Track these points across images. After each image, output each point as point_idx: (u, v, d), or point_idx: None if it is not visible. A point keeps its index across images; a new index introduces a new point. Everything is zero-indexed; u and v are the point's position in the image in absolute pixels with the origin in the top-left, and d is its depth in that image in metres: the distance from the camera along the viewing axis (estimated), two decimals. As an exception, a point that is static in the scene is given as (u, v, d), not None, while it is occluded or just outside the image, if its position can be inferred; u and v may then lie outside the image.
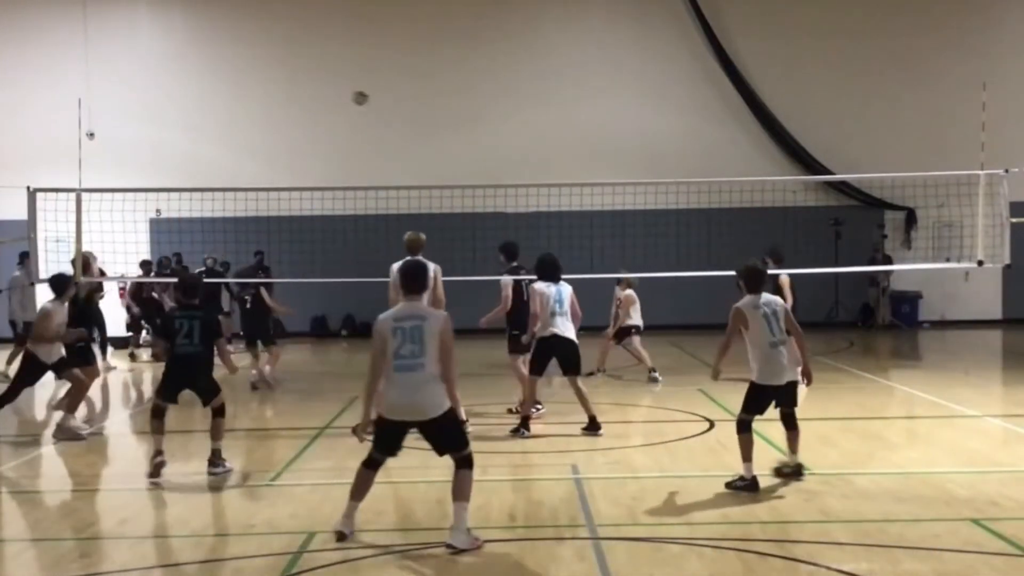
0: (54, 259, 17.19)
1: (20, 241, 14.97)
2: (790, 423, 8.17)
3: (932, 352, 19.52)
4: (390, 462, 9.13)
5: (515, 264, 12.00)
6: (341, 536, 6.61)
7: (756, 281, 8.08)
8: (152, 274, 19.66)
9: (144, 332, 19.80)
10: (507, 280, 11.82)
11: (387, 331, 6.59)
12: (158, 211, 20.63)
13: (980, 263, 13.82)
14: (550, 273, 10.73)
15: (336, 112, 23.46)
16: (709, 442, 10.01)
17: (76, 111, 16.39)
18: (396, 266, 10.04)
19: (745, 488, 7.71)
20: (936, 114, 22.74)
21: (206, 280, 19.53)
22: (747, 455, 7.84)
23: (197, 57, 23.80)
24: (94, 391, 15.60)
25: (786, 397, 8.04)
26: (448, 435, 6.66)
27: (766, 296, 8.05)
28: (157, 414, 8.87)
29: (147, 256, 21.25)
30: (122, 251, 18.26)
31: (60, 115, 19.66)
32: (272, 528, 7.10)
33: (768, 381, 7.90)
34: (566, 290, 10.61)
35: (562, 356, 10.59)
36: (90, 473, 9.63)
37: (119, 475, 9.57)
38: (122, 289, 22.07)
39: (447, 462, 9.17)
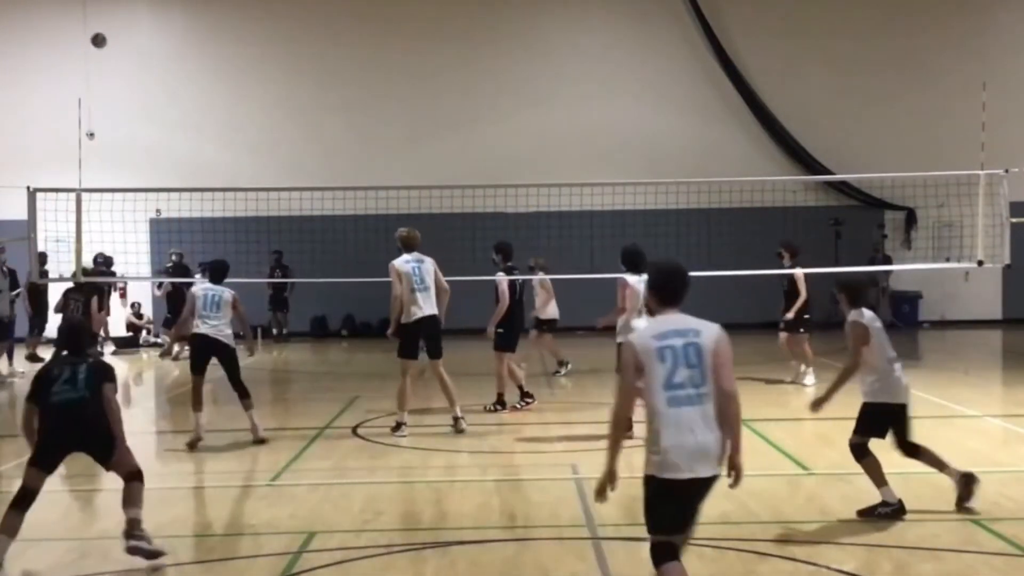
0: (54, 259, 17.25)
1: (20, 241, 14.96)
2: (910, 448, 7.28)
3: (932, 352, 19.52)
4: (393, 461, 9.14)
5: (510, 264, 12.10)
6: None
7: (861, 295, 7.36)
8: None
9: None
10: (504, 278, 11.89)
11: (651, 352, 4.81)
12: (158, 211, 20.62)
13: (980, 263, 13.82)
14: (641, 264, 10.35)
15: (336, 112, 23.46)
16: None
17: (76, 111, 16.39)
18: (426, 265, 10.48)
19: (891, 515, 6.95)
20: (936, 114, 22.73)
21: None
22: (880, 479, 7.07)
23: (197, 57, 23.80)
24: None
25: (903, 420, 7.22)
26: (700, 506, 4.89)
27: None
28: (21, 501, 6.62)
29: (147, 256, 21.27)
30: (122, 251, 18.30)
31: (60, 115, 19.66)
32: (272, 528, 7.10)
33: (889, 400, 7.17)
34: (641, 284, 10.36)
35: None
36: (91, 473, 9.61)
37: (118, 475, 9.55)
38: (121, 290, 22.11)
39: (446, 462, 9.14)
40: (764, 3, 23.65)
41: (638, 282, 10.05)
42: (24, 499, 6.53)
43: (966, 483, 7.17)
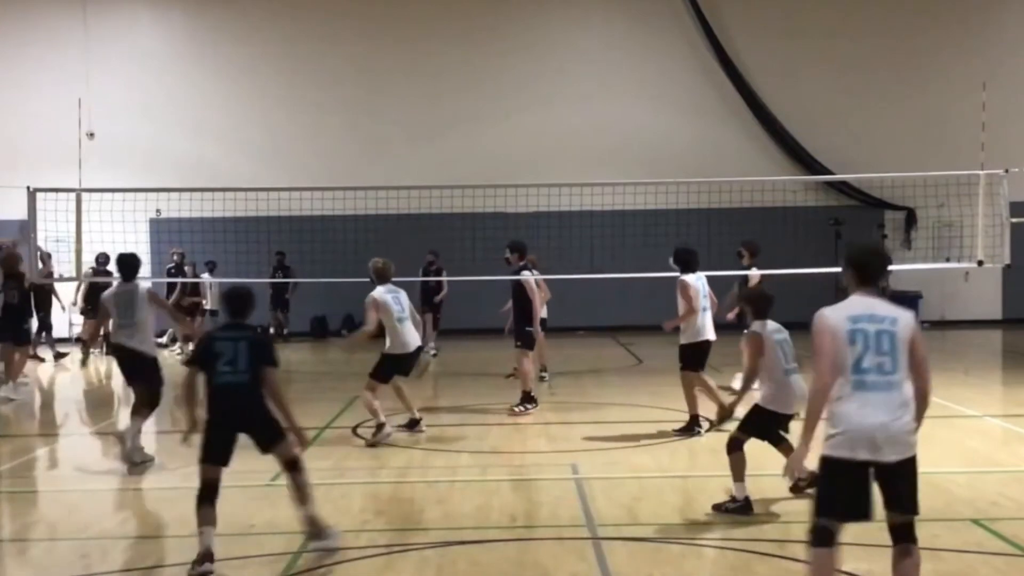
0: (55, 259, 17.25)
1: (20, 241, 14.97)
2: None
3: (932, 352, 19.28)
4: (393, 461, 9.14)
5: (523, 263, 12.08)
6: None
7: (765, 307, 7.67)
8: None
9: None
10: (530, 277, 11.90)
11: (843, 331, 4.82)
12: (158, 211, 20.62)
13: (980, 263, 13.81)
14: (694, 263, 10.53)
15: (336, 112, 23.46)
16: (709, 442, 10.00)
17: (76, 111, 16.39)
18: (402, 295, 10.57)
19: (737, 510, 7.24)
20: (936, 114, 22.73)
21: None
22: (740, 475, 7.36)
23: (197, 57, 23.79)
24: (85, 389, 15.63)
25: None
26: (909, 487, 4.83)
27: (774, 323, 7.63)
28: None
29: (147, 256, 21.27)
30: (122, 251, 18.26)
31: (60, 115, 19.67)
32: (272, 528, 7.10)
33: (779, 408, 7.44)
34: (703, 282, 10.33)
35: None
36: (90, 473, 9.62)
37: (119, 475, 9.56)
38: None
39: (446, 462, 9.14)
40: (764, 3, 23.64)
41: (696, 280, 10.35)
42: (208, 493, 6.40)
43: (813, 478, 7.38)
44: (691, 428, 10.27)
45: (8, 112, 23.16)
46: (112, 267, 19.85)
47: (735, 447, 7.42)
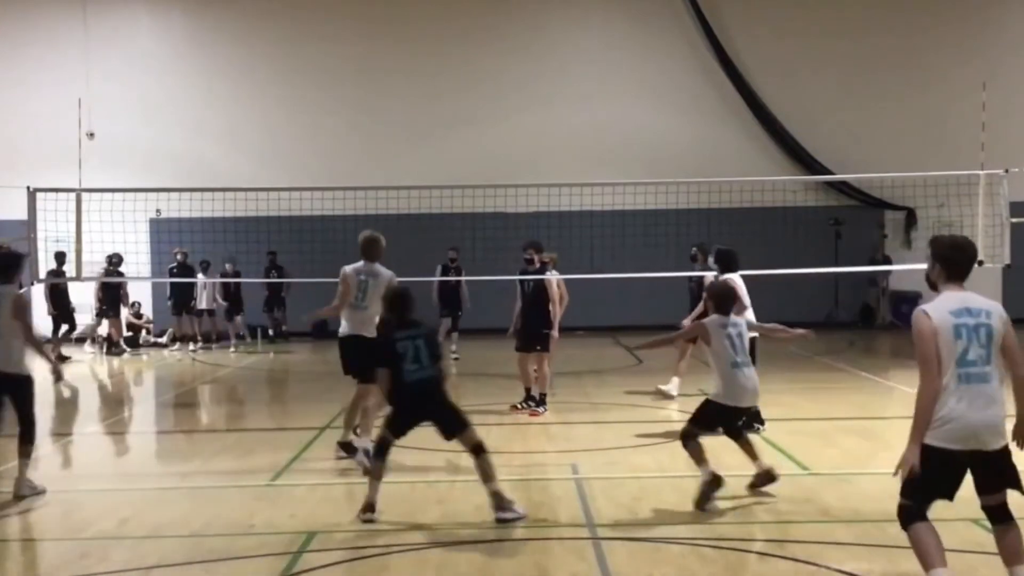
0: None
1: (20, 241, 14.95)
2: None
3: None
4: (392, 460, 9.14)
5: (544, 263, 12.08)
6: None
7: (726, 303, 7.87)
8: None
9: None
10: (555, 277, 11.97)
11: (948, 327, 4.92)
12: (158, 211, 20.63)
13: (980, 263, 13.78)
14: (734, 264, 10.56)
15: (336, 112, 23.46)
16: (709, 442, 10.00)
17: (76, 111, 16.39)
18: (378, 281, 9.17)
19: (708, 488, 7.34)
20: (936, 114, 22.73)
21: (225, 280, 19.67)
22: (701, 458, 7.50)
23: (197, 57, 23.80)
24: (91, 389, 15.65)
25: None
26: (1011, 468, 5.02)
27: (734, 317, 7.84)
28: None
29: (147, 256, 21.28)
30: (122, 251, 18.31)
31: (60, 115, 19.68)
32: (272, 528, 7.10)
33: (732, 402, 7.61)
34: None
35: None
36: (90, 473, 9.63)
37: (119, 475, 9.56)
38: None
39: (446, 462, 9.13)
40: (764, 3, 23.65)
41: (738, 278, 10.38)
42: (384, 449, 7.29)
43: (768, 476, 7.69)
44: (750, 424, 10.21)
45: (8, 112, 23.17)
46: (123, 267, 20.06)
47: (687, 439, 7.60)
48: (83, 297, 20.15)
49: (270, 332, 21.76)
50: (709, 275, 12.58)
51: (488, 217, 18.39)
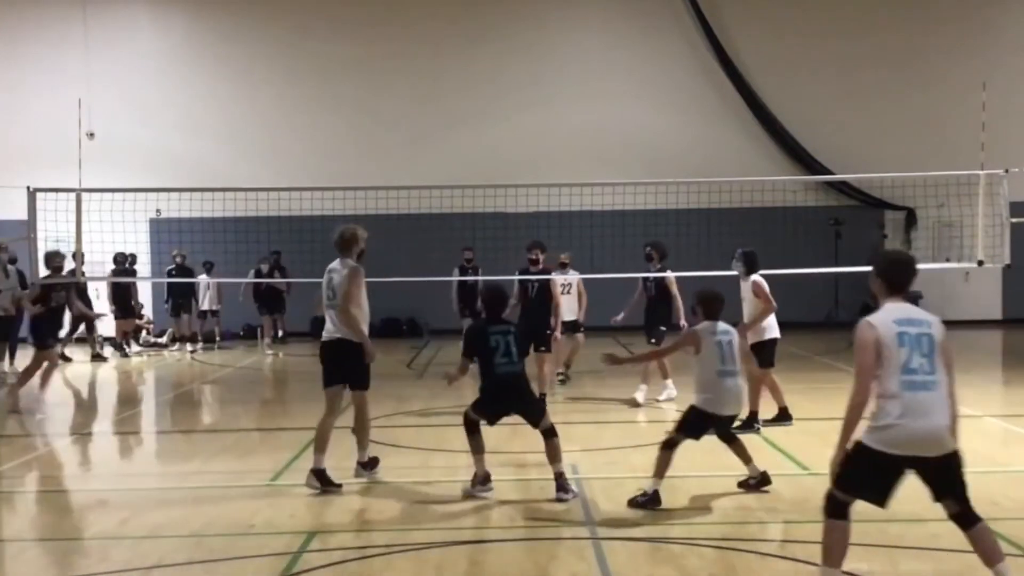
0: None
1: (20, 241, 14.95)
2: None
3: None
4: (393, 461, 9.14)
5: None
6: None
7: (715, 308, 7.82)
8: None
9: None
10: (558, 278, 12.15)
11: (891, 337, 5.08)
12: (158, 211, 20.62)
13: (980, 263, 13.80)
14: (758, 266, 10.80)
15: (336, 112, 23.46)
16: (709, 442, 9.99)
17: (76, 111, 16.39)
18: (335, 276, 8.48)
19: (647, 503, 7.36)
20: (936, 114, 22.73)
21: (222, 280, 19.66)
22: (661, 472, 7.49)
23: (197, 57, 23.80)
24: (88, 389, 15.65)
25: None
26: (956, 479, 5.12)
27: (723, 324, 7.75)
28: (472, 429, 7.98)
29: (147, 256, 21.29)
30: (122, 251, 18.30)
31: (60, 115, 19.67)
32: (272, 528, 7.10)
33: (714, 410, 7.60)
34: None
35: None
36: (90, 473, 9.62)
37: (119, 475, 9.56)
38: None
39: (446, 462, 9.13)
40: (764, 3, 23.65)
41: (761, 279, 10.58)
42: (474, 426, 7.93)
43: (763, 480, 7.79)
44: (750, 424, 10.24)
45: (8, 112, 23.17)
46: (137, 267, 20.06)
47: (668, 446, 7.57)
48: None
49: (274, 333, 21.69)
50: (671, 275, 12.52)
51: (488, 217, 18.38)
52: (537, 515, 7.33)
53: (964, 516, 5.16)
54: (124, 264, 19.58)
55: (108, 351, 19.52)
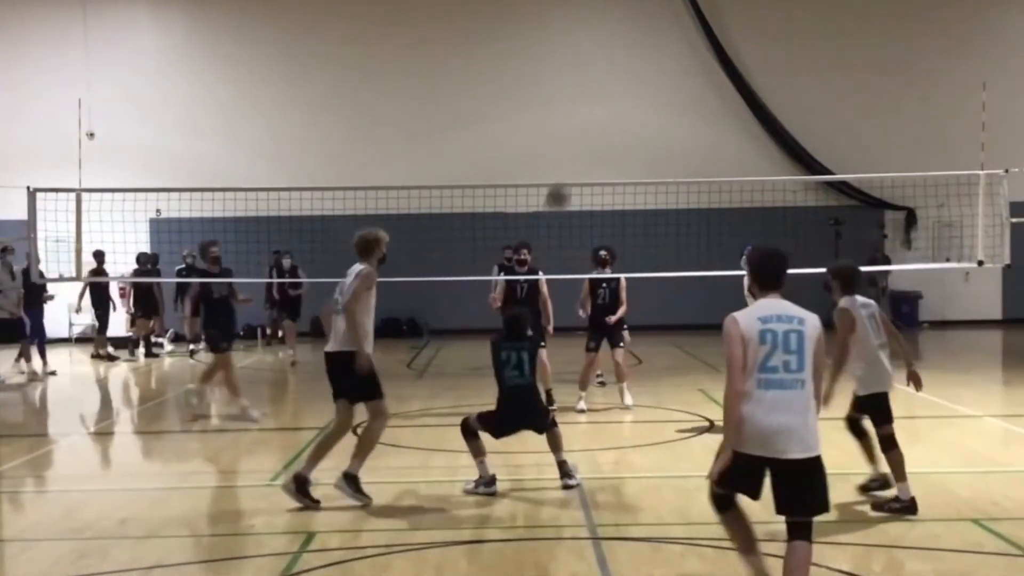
0: (54, 259, 17.22)
1: (20, 241, 14.96)
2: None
3: (932, 352, 19.51)
4: (393, 461, 9.15)
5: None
6: None
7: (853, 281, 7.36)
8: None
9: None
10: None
11: (753, 333, 4.93)
12: (158, 211, 20.61)
13: (980, 263, 13.80)
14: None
15: (336, 112, 23.47)
16: (709, 442, 10.00)
17: (76, 111, 16.39)
18: (346, 281, 7.99)
19: (904, 510, 6.95)
20: (936, 114, 22.73)
21: (183, 279, 19.54)
22: (902, 474, 7.07)
23: (197, 57, 23.80)
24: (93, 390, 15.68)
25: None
26: (811, 487, 4.93)
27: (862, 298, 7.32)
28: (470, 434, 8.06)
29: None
30: (122, 251, 18.26)
31: (60, 115, 19.67)
32: (272, 528, 7.10)
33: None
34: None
35: None
36: (90, 473, 9.63)
37: (119, 475, 9.57)
38: (122, 289, 22.10)
39: (446, 462, 9.14)
40: (764, 3, 23.65)
41: None
42: (474, 433, 8.02)
43: (884, 482, 7.35)
44: None
45: (8, 112, 23.17)
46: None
47: (887, 447, 7.28)
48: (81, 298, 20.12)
49: (268, 332, 21.71)
50: (624, 278, 12.36)
51: (488, 217, 18.38)
52: (537, 515, 7.33)
53: (800, 528, 4.94)
54: (146, 265, 19.59)
55: (109, 350, 19.51)
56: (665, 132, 23.18)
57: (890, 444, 7.18)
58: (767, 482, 4.99)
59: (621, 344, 12.17)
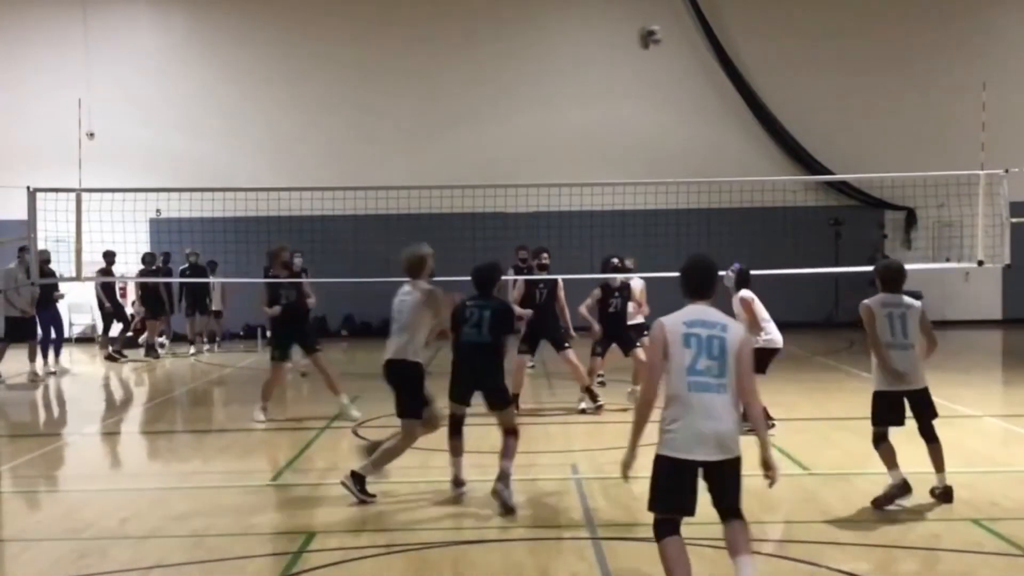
0: (55, 259, 17.24)
1: (20, 241, 14.97)
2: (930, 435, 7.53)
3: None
4: (393, 461, 9.16)
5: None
6: None
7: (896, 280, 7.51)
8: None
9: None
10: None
11: (677, 337, 5.11)
12: (158, 211, 20.62)
13: (980, 263, 13.81)
14: (750, 280, 10.46)
15: (336, 112, 23.47)
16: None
17: (76, 111, 16.39)
18: (402, 299, 8.05)
19: (900, 494, 7.26)
20: (936, 114, 22.74)
21: (193, 280, 19.60)
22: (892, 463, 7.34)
23: (197, 57, 23.80)
24: (94, 390, 15.69)
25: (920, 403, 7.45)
26: (734, 485, 5.15)
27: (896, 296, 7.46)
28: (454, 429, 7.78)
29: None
30: (122, 251, 18.27)
31: (60, 115, 19.67)
32: (272, 528, 7.11)
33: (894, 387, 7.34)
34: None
35: None
36: (90, 473, 9.63)
37: (119, 475, 9.56)
38: (122, 289, 22.10)
39: (446, 462, 9.16)
40: (764, 4, 23.66)
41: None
42: (456, 425, 7.77)
43: (945, 494, 7.40)
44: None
45: (8, 112, 23.17)
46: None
47: (877, 442, 7.42)
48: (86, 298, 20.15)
49: (267, 334, 21.66)
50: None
51: (488, 217, 18.38)
52: (537, 515, 7.33)
53: (732, 512, 5.19)
54: (153, 264, 19.56)
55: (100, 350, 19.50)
56: (665, 132, 23.18)
57: (874, 440, 7.45)
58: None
59: (638, 345, 12.04)
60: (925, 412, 7.44)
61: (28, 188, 13.30)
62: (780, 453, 9.33)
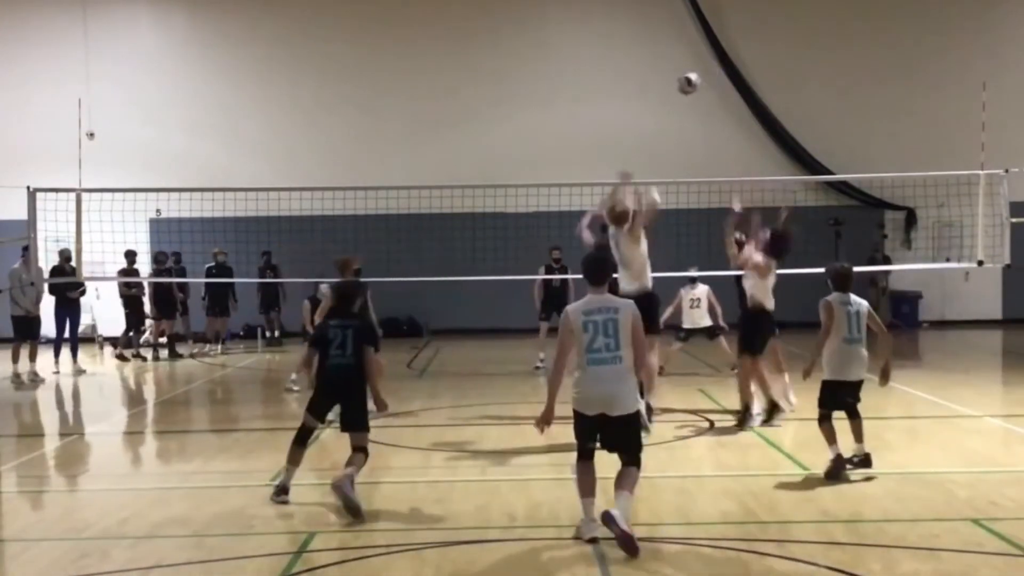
0: (54, 259, 17.26)
1: (20, 241, 14.97)
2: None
3: (932, 352, 19.52)
4: (393, 461, 9.17)
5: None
6: (593, 540, 6.46)
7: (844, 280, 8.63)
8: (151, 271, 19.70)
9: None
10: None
11: (578, 324, 6.52)
12: (158, 211, 20.63)
13: (980, 263, 13.82)
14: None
15: (336, 112, 23.46)
16: (709, 442, 10.01)
17: (76, 111, 16.40)
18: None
19: (861, 464, 8.20)
20: (936, 114, 22.73)
21: (218, 280, 19.60)
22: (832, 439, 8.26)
23: (197, 57, 23.79)
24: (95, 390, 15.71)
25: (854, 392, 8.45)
26: (630, 436, 6.67)
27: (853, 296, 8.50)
28: (301, 438, 7.93)
29: (147, 256, 21.26)
30: (122, 251, 18.30)
31: (60, 115, 19.68)
32: (272, 528, 7.11)
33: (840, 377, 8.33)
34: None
35: None
36: (90, 473, 9.63)
37: (119, 475, 9.57)
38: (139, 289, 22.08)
39: (446, 462, 9.17)
40: (764, 4, 23.65)
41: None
42: (303, 437, 7.88)
43: (865, 461, 8.31)
44: (745, 421, 10.51)
45: (8, 112, 23.17)
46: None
47: (822, 422, 8.35)
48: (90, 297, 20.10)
49: (267, 334, 21.70)
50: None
51: (488, 217, 18.40)
52: (537, 515, 7.33)
53: (626, 459, 6.62)
54: (164, 264, 19.55)
55: (106, 350, 19.51)
56: (665, 132, 23.17)
57: (819, 420, 8.40)
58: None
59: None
60: (858, 398, 8.46)
61: (28, 188, 13.31)
62: (780, 453, 9.33)
